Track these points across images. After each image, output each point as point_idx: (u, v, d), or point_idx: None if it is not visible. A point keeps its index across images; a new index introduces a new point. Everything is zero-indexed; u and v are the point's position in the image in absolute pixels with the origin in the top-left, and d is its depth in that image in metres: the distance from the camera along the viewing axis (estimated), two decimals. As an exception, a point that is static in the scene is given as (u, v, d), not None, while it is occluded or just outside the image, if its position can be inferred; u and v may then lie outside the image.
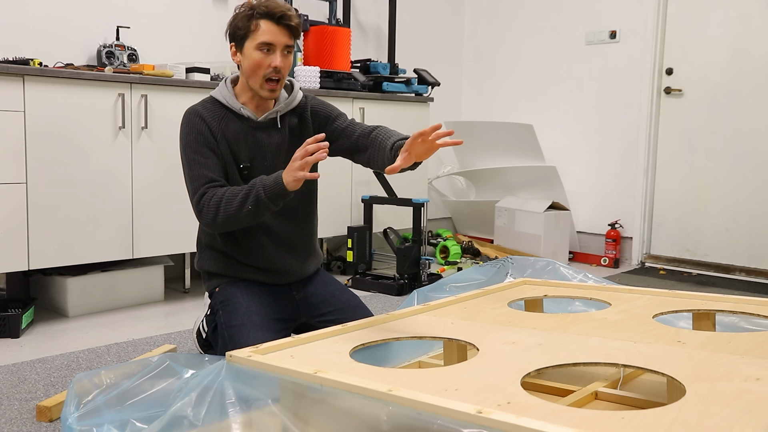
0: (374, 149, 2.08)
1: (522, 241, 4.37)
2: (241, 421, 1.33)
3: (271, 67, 2.03)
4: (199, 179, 2.02)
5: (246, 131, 2.12)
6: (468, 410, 1.05)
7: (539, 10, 4.85)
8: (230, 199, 1.95)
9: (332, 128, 2.21)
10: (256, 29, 2.02)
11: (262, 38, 2.01)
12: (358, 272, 3.69)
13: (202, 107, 2.10)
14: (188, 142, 2.06)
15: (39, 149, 2.76)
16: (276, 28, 2.02)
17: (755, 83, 3.98)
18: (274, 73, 2.04)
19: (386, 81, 4.08)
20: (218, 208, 1.96)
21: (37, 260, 2.79)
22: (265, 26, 2.01)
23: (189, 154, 2.05)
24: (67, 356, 2.45)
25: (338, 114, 2.24)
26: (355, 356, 1.44)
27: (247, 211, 1.93)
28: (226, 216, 1.95)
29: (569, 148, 4.74)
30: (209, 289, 2.22)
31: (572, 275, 2.51)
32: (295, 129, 2.20)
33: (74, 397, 1.61)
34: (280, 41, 2.03)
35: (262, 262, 2.16)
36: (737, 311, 1.80)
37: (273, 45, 2.02)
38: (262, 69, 2.03)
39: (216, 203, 1.96)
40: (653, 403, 1.49)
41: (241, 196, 1.94)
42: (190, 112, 2.09)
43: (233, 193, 1.96)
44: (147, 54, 3.49)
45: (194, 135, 2.05)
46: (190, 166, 2.04)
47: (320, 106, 2.24)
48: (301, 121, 2.21)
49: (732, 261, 4.12)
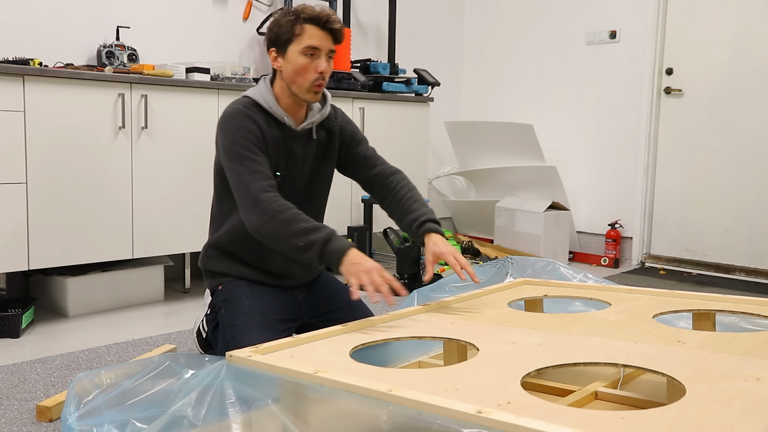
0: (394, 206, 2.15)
1: (522, 241, 4.37)
2: (241, 421, 1.33)
3: (317, 72, 2.00)
4: (255, 173, 1.94)
5: (283, 139, 2.08)
6: (468, 410, 1.05)
7: (539, 10, 4.85)
8: (291, 220, 1.87)
9: (354, 152, 2.22)
10: (301, 34, 1.99)
11: (307, 42, 1.98)
12: (358, 272, 3.68)
13: (247, 109, 2.03)
14: (237, 139, 1.98)
15: (39, 149, 2.76)
16: (321, 33, 2.00)
17: (755, 83, 3.98)
18: (320, 78, 2.01)
19: (386, 81, 4.08)
20: (274, 218, 1.88)
21: (37, 260, 2.79)
22: (311, 31, 1.99)
23: (239, 150, 1.96)
24: (67, 356, 2.45)
25: (362, 139, 2.25)
26: (355, 356, 1.44)
27: (294, 243, 1.86)
28: (275, 230, 1.88)
29: (569, 148, 4.74)
30: (212, 286, 2.21)
31: (572, 275, 2.51)
32: (323, 141, 2.19)
33: (74, 396, 1.61)
34: (325, 46, 2.01)
35: (269, 266, 2.15)
36: (737, 311, 1.80)
37: (318, 49, 1.99)
38: (309, 73, 2.00)
39: (275, 211, 1.88)
40: (653, 403, 1.49)
41: (302, 227, 1.86)
42: (238, 112, 2.02)
43: (297, 217, 1.88)
44: (147, 54, 3.49)
45: (243, 133, 1.98)
46: (242, 161, 1.96)
47: (348, 123, 2.24)
48: (329, 134, 2.19)
49: (732, 261, 4.12)
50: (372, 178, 2.21)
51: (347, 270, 1.82)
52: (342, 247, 1.85)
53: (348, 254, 1.83)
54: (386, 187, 2.19)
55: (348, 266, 1.83)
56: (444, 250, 1.97)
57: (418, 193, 2.18)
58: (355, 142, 2.23)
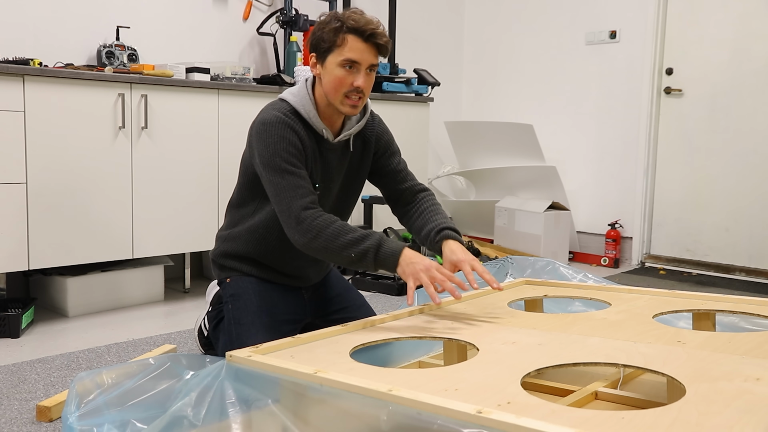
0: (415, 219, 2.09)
1: (522, 241, 4.37)
2: (241, 421, 1.33)
3: (354, 86, 1.91)
4: (296, 189, 1.88)
5: (321, 151, 2.03)
6: (468, 410, 1.05)
7: (539, 10, 4.85)
8: (339, 233, 1.83)
9: (386, 162, 2.16)
10: (342, 44, 1.88)
11: (347, 55, 1.88)
12: (358, 272, 3.69)
13: (288, 118, 1.94)
14: (277, 150, 1.90)
15: (39, 149, 2.76)
16: (364, 46, 1.89)
17: (755, 83, 3.98)
18: (355, 93, 1.92)
19: (386, 81, 4.08)
20: (321, 234, 1.84)
21: (37, 260, 2.79)
22: (353, 42, 1.88)
23: (279, 162, 1.90)
24: (67, 356, 2.45)
25: (396, 150, 2.19)
26: (355, 356, 1.44)
27: (347, 255, 1.82)
28: (325, 245, 1.84)
29: (569, 148, 4.74)
30: (219, 278, 2.17)
31: (572, 275, 2.51)
32: (358, 151, 2.12)
33: (75, 396, 1.61)
34: (366, 60, 1.91)
35: (286, 268, 2.13)
36: (737, 311, 1.80)
37: (358, 63, 1.90)
38: (344, 87, 1.91)
39: (321, 227, 1.84)
40: (653, 403, 1.49)
41: (351, 238, 1.82)
42: (279, 122, 1.93)
43: (344, 229, 1.84)
44: (147, 54, 3.49)
45: (285, 145, 1.91)
46: (282, 175, 1.89)
47: (385, 133, 2.17)
48: (365, 143, 2.12)
49: (732, 261, 4.12)
50: (399, 193, 2.15)
51: (404, 272, 1.78)
52: (395, 250, 1.81)
53: (402, 255, 1.80)
54: (411, 203, 2.13)
55: (404, 267, 1.79)
56: (461, 257, 1.88)
57: (442, 210, 2.11)
58: (389, 153, 2.16)
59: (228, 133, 3.32)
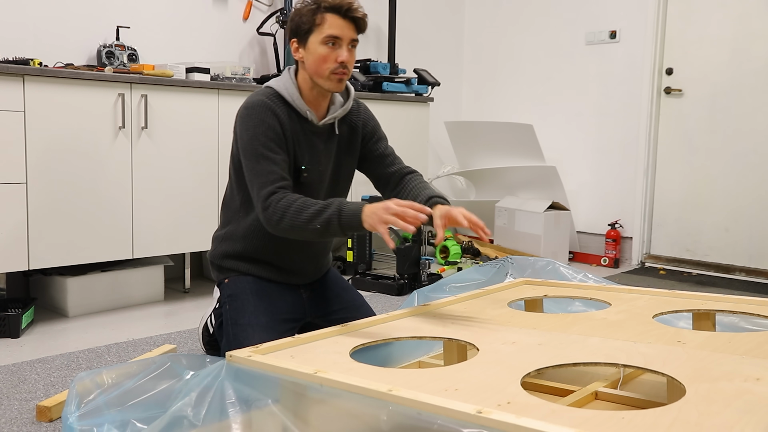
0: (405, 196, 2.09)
1: (522, 241, 4.37)
2: (241, 421, 1.33)
3: (338, 61, 1.98)
4: (267, 174, 1.94)
5: (305, 133, 2.07)
6: (468, 410, 1.05)
7: (539, 10, 4.85)
8: (301, 209, 1.88)
9: (374, 148, 2.20)
10: (321, 23, 1.96)
11: (328, 32, 1.96)
12: (358, 272, 3.69)
13: (271, 101, 2.01)
14: (256, 134, 1.97)
15: (39, 149, 2.76)
16: (342, 22, 1.97)
17: (755, 83, 3.98)
18: (340, 68, 1.98)
19: (386, 81, 4.08)
20: (285, 213, 1.89)
21: (37, 260, 2.79)
22: (332, 20, 1.96)
23: (257, 147, 1.96)
24: (67, 356, 2.45)
25: (383, 136, 2.24)
26: (355, 356, 1.44)
27: (313, 228, 1.86)
28: (291, 224, 1.89)
29: (569, 148, 4.74)
30: (218, 279, 2.19)
31: (572, 275, 2.51)
32: (345, 136, 2.17)
33: (75, 396, 1.61)
34: (347, 35, 1.98)
35: (283, 262, 2.14)
36: (737, 311, 1.80)
37: (339, 39, 1.97)
38: (328, 63, 1.98)
39: (284, 207, 1.89)
40: (653, 403, 1.49)
41: (313, 211, 1.86)
42: (261, 105, 2.00)
43: (305, 204, 1.88)
44: (147, 54, 3.49)
45: (264, 129, 1.97)
46: (257, 159, 1.95)
47: (371, 119, 2.23)
48: (352, 129, 2.18)
49: (732, 261, 4.12)
50: (388, 176, 2.19)
51: (370, 225, 1.80)
52: (356, 210, 1.83)
53: (364, 212, 1.82)
54: (400, 184, 2.16)
55: (368, 220, 1.80)
56: (450, 208, 1.87)
57: (431, 186, 2.14)
58: (376, 138, 2.22)
59: (228, 133, 3.32)
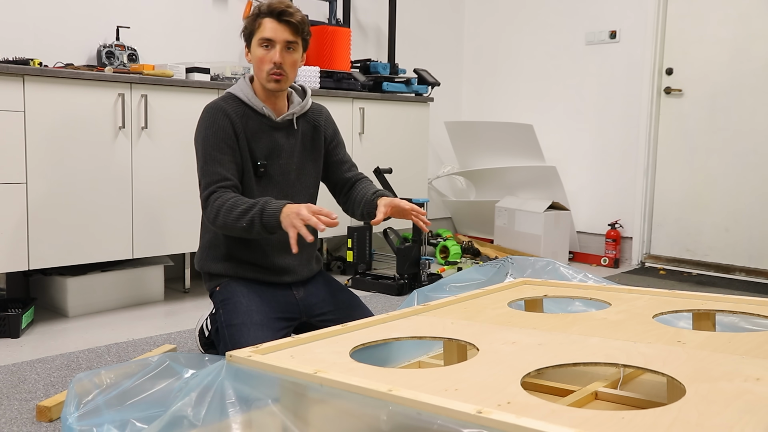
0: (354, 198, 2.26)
1: (522, 241, 4.37)
2: (241, 421, 1.33)
3: (272, 62, 2.10)
4: (211, 175, 2.07)
5: (264, 130, 2.17)
6: (468, 410, 1.05)
7: (539, 11, 4.85)
8: (232, 208, 2.00)
9: (333, 152, 2.34)
10: (259, 27, 2.11)
11: (262, 35, 2.10)
12: (358, 272, 3.69)
13: (224, 103, 2.15)
14: (207, 136, 2.10)
15: (39, 149, 2.76)
16: (276, 25, 2.10)
17: (755, 83, 3.98)
18: (275, 68, 2.10)
19: (386, 81, 4.08)
20: (219, 212, 2.02)
21: (37, 260, 2.79)
22: (267, 23, 2.10)
23: (206, 148, 2.09)
24: (67, 356, 2.45)
25: (342, 142, 2.39)
26: (355, 356, 1.44)
27: (241, 226, 1.99)
28: (224, 222, 2.02)
29: (569, 148, 4.74)
30: (210, 288, 2.22)
31: (572, 275, 2.50)
32: (308, 134, 2.28)
33: (74, 396, 1.61)
34: (280, 37, 2.10)
35: (267, 259, 2.18)
36: (737, 311, 1.80)
37: (272, 41, 2.10)
38: (265, 64, 2.11)
39: (218, 207, 2.02)
40: (653, 403, 1.49)
41: (241, 210, 1.99)
42: (214, 107, 2.14)
43: (236, 203, 2.01)
44: (147, 54, 3.49)
45: (214, 130, 2.10)
46: (205, 160, 2.09)
47: (332, 124, 2.37)
48: (314, 128, 2.29)
49: (732, 261, 4.12)
50: (344, 181, 2.32)
51: (286, 222, 1.91)
52: (276, 210, 1.94)
53: (282, 213, 1.93)
54: (352, 187, 2.30)
55: (284, 222, 1.93)
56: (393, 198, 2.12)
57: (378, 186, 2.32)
58: (335, 143, 2.34)
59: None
